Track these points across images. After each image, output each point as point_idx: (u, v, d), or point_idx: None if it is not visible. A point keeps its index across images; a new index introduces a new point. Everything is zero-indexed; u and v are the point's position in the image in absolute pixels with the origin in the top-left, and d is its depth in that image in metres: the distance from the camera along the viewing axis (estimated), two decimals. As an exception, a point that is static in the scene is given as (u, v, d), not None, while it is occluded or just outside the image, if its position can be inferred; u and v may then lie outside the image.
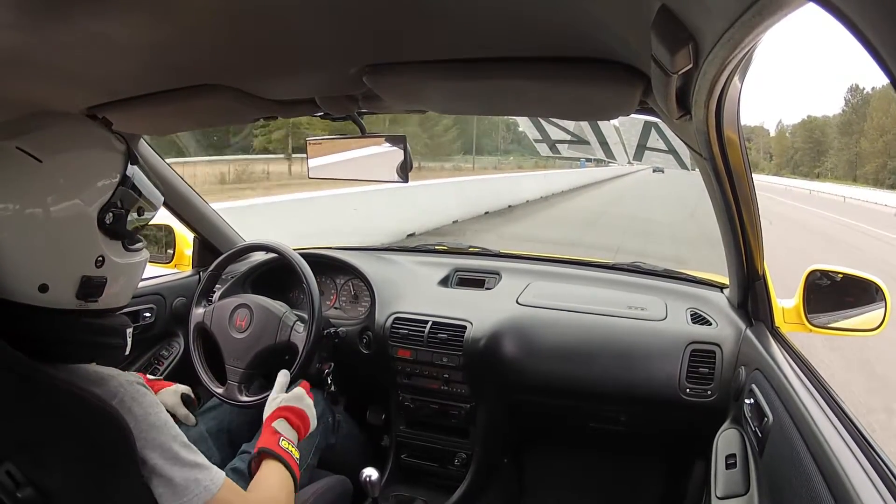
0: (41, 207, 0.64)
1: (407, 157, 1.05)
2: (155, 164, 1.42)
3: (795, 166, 73.02)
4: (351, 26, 0.65)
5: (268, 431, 0.96)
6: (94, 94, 0.93)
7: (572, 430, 1.59)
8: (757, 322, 1.20)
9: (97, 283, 0.70)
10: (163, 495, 0.70)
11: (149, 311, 1.50)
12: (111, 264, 0.71)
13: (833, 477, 0.62)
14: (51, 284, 0.66)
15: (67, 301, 0.68)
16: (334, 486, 1.17)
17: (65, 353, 0.68)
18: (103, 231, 0.69)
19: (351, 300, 1.64)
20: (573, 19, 0.58)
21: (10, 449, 0.63)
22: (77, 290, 0.68)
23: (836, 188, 33.89)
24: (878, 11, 0.24)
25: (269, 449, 0.91)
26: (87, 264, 0.69)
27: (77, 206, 0.67)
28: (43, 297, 0.66)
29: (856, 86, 64.88)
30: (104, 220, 0.69)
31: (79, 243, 0.68)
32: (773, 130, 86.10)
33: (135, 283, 0.79)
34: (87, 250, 0.68)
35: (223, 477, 0.75)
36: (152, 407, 0.72)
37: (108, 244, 0.70)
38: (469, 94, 0.84)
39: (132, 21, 0.62)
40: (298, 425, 1.01)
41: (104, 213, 0.69)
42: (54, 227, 0.65)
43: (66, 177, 0.67)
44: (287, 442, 0.94)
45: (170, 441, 0.71)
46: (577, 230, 9.43)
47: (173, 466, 0.70)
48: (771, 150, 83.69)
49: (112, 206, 0.70)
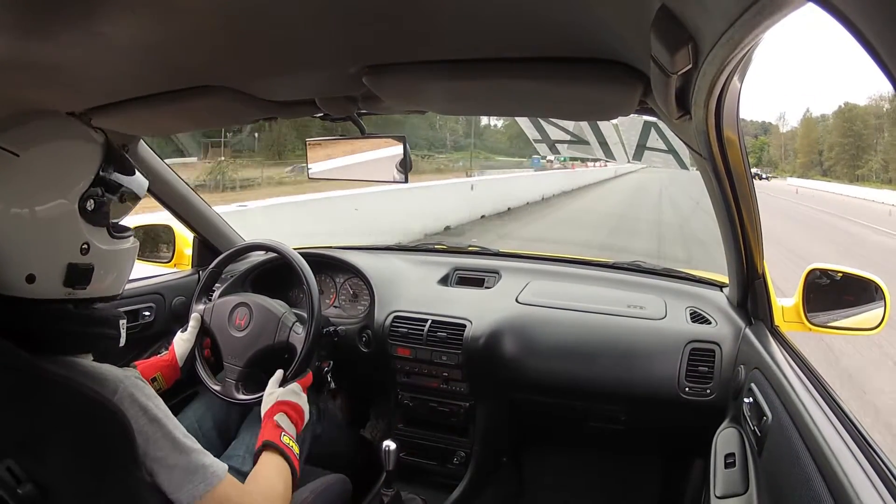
0: (22, 199, 0.66)
1: (406, 158, 1.06)
2: (155, 164, 1.42)
3: (829, 166, 60.84)
4: (351, 27, 0.65)
5: (270, 425, 0.98)
6: (93, 95, 0.93)
7: (571, 428, 1.59)
8: (756, 321, 1.21)
9: (83, 269, 0.71)
10: (170, 482, 0.71)
11: (148, 310, 1.50)
12: (97, 251, 0.72)
13: (832, 476, 0.62)
14: (38, 274, 0.67)
15: (55, 290, 0.69)
16: (333, 484, 1.17)
17: (59, 344, 0.70)
18: (86, 218, 0.71)
19: (350, 299, 1.64)
20: (573, 19, 0.59)
21: (10, 445, 0.63)
22: (64, 279, 0.69)
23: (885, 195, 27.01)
24: (878, 11, 0.24)
25: (272, 443, 0.93)
26: (72, 252, 0.70)
27: (57, 196, 0.68)
28: (31, 287, 0.67)
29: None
30: (85, 208, 0.71)
31: (62, 231, 0.69)
32: (794, 122, 76.10)
33: (126, 271, 0.80)
34: (70, 238, 0.70)
35: (225, 469, 0.76)
36: (152, 400, 0.73)
37: (93, 231, 0.72)
38: (469, 94, 0.84)
39: (132, 22, 0.62)
40: (296, 419, 1.03)
41: (84, 201, 0.71)
42: (36, 217, 0.67)
43: (44, 168, 0.69)
44: (288, 437, 0.97)
45: (173, 432, 0.73)
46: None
47: (179, 455, 0.72)
48: (795, 145, 70.84)
49: (92, 194, 0.71)
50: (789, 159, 71.58)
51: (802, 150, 68.55)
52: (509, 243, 8.27)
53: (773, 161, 72.49)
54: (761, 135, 78.86)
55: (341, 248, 1.76)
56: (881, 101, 57.20)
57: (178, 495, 0.72)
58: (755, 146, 74.83)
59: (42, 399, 0.64)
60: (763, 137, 77.55)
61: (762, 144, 76.20)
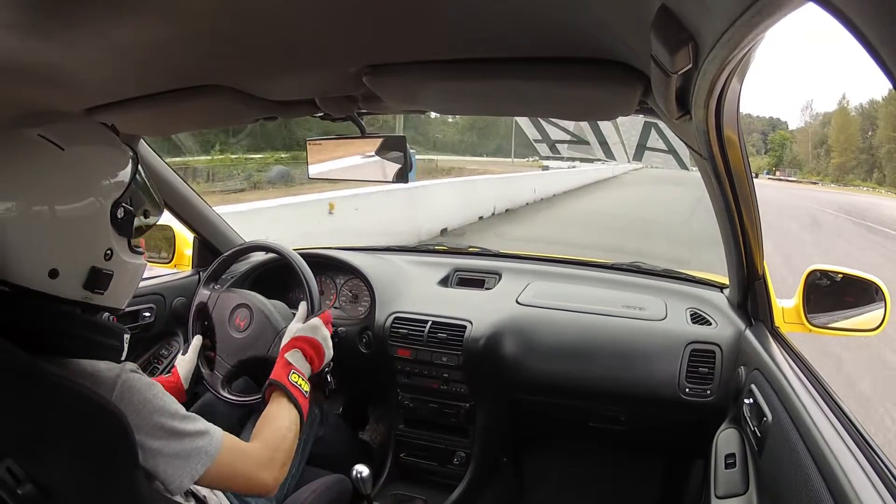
0: (60, 194, 0.67)
1: (406, 158, 1.06)
2: (155, 164, 1.42)
3: (877, 168, 44.89)
4: (351, 26, 0.65)
5: (280, 363, 0.99)
6: (94, 94, 0.93)
7: (572, 429, 1.59)
8: (756, 322, 1.21)
9: (105, 274, 0.71)
10: (167, 471, 0.72)
11: (149, 310, 1.50)
12: (118, 260, 0.73)
13: (831, 476, 0.62)
14: (61, 271, 0.68)
15: (74, 291, 0.69)
16: (332, 484, 1.17)
17: (63, 346, 0.69)
18: (114, 225, 0.72)
19: (351, 300, 1.64)
20: (573, 19, 0.59)
21: (10, 445, 0.63)
22: (85, 281, 0.70)
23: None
24: (877, 11, 0.24)
25: (278, 382, 0.94)
26: (97, 255, 0.71)
27: (93, 196, 0.69)
28: (52, 283, 0.67)
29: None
30: (116, 214, 0.72)
31: (91, 233, 0.70)
32: (823, 112, 57.69)
33: (133, 287, 0.80)
34: (98, 241, 0.71)
35: (221, 436, 0.77)
36: (149, 390, 0.73)
37: (118, 240, 0.73)
38: (469, 94, 0.85)
39: (132, 22, 0.62)
40: (312, 356, 1.02)
41: (116, 208, 0.72)
42: (70, 213, 0.68)
43: (86, 167, 0.70)
44: (297, 375, 0.96)
45: (171, 421, 0.73)
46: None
47: (177, 442, 0.72)
48: (829, 141, 51.53)
49: (124, 202, 0.73)
50: (820, 159, 54.33)
51: (838, 148, 50.20)
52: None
53: (798, 161, 57.16)
54: (770, 132, 64.21)
55: (341, 248, 1.76)
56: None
57: (181, 480, 0.72)
58: (774, 142, 60.81)
59: (41, 399, 0.64)
60: (783, 131, 60.99)
61: (783, 140, 59.24)
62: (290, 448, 0.87)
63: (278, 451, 0.84)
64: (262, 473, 0.81)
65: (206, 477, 0.74)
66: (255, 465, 0.80)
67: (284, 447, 0.86)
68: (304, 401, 0.95)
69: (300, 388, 0.95)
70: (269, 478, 0.81)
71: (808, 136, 55.90)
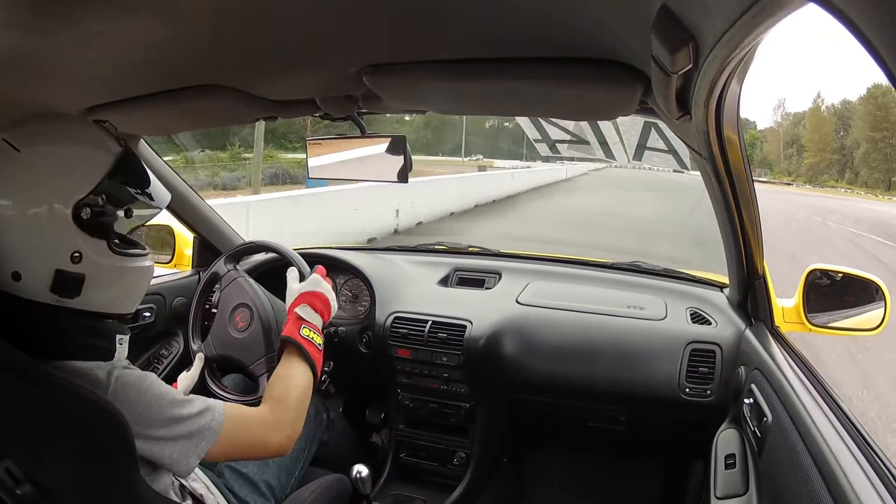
0: (14, 195, 0.66)
1: (407, 158, 1.06)
2: (154, 164, 1.42)
3: (848, 168, 43.66)
4: (351, 26, 0.65)
5: (291, 318, 0.99)
6: (93, 94, 0.93)
7: (572, 429, 1.59)
8: (757, 322, 1.21)
9: (73, 278, 0.69)
10: (173, 456, 0.72)
11: (148, 310, 1.50)
12: (90, 262, 0.70)
13: (831, 477, 0.62)
14: (23, 273, 0.67)
15: (41, 294, 0.68)
16: (332, 484, 1.17)
17: (51, 349, 0.69)
18: (81, 227, 0.69)
19: (351, 300, 1.64)
20: (573, 19, 0.59)
21: (9, 446, 0.63)
22: (51, 284, 0.68)
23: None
24: (877, 11, 0.24)
25: (290, 338, 0.94)
26: (61, 258, 0.68)
27: (49, 198, 0.67)
28: (17, 285, 0.67)
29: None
30: (80, 216, 0.69)
31: (50, 236, 0.68)
32: (795, 112, 54.89)
33: (135, 290, 0.78)
34: (59, 244, 0.68)
35: (223, 409, 0.77)
36: (144, 383, 0.72)
37: (88, 241, 0.70)
38: (469, 94, 0.84)
39: (132, 21, 0.62)
40: (322, 309, 1.03)
41: (80, 209, 0.69)
42: (25, 216, 0.66)
43: (41, 168, 0.68)
44: (308, 329, 0.97)
45: (170, 408, 0.73)
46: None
47: (179, 426, 0.73)
48: (800, 140, 50.61)
49: (91, 203, 0.69)
50: (792, 160, 53.36)
51: (812, 148, 49.25)
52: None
53: (769, 161, 55.66)
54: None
55: (341, 248, 1.76)
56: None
57: (188, 461, 0.73)
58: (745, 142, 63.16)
59: (40, 400, 0.64)
60: (753, 130, 57.50)
61: (753, 140, 55.64)
62: (300, 405, 0.87)
63: (287, 411, 0.84)
64: (270, 435, 0.81)
65: (214, 451, 0.74)
66: (262, 429, 0.81)
67: (294, 405, 0.86)
68: (317, 354, 0.95)
69: (313, 342, 0.95)
70: (278, 438, 0.82)
71: (778, 135, 54.94)
